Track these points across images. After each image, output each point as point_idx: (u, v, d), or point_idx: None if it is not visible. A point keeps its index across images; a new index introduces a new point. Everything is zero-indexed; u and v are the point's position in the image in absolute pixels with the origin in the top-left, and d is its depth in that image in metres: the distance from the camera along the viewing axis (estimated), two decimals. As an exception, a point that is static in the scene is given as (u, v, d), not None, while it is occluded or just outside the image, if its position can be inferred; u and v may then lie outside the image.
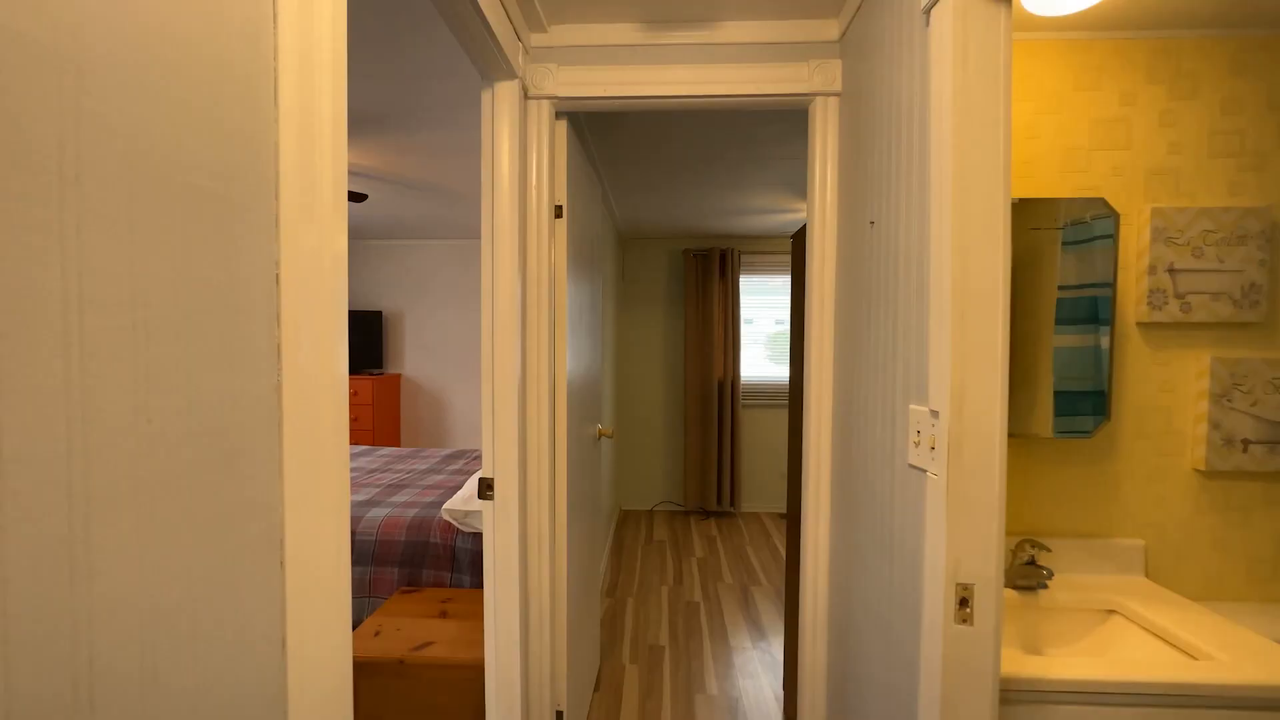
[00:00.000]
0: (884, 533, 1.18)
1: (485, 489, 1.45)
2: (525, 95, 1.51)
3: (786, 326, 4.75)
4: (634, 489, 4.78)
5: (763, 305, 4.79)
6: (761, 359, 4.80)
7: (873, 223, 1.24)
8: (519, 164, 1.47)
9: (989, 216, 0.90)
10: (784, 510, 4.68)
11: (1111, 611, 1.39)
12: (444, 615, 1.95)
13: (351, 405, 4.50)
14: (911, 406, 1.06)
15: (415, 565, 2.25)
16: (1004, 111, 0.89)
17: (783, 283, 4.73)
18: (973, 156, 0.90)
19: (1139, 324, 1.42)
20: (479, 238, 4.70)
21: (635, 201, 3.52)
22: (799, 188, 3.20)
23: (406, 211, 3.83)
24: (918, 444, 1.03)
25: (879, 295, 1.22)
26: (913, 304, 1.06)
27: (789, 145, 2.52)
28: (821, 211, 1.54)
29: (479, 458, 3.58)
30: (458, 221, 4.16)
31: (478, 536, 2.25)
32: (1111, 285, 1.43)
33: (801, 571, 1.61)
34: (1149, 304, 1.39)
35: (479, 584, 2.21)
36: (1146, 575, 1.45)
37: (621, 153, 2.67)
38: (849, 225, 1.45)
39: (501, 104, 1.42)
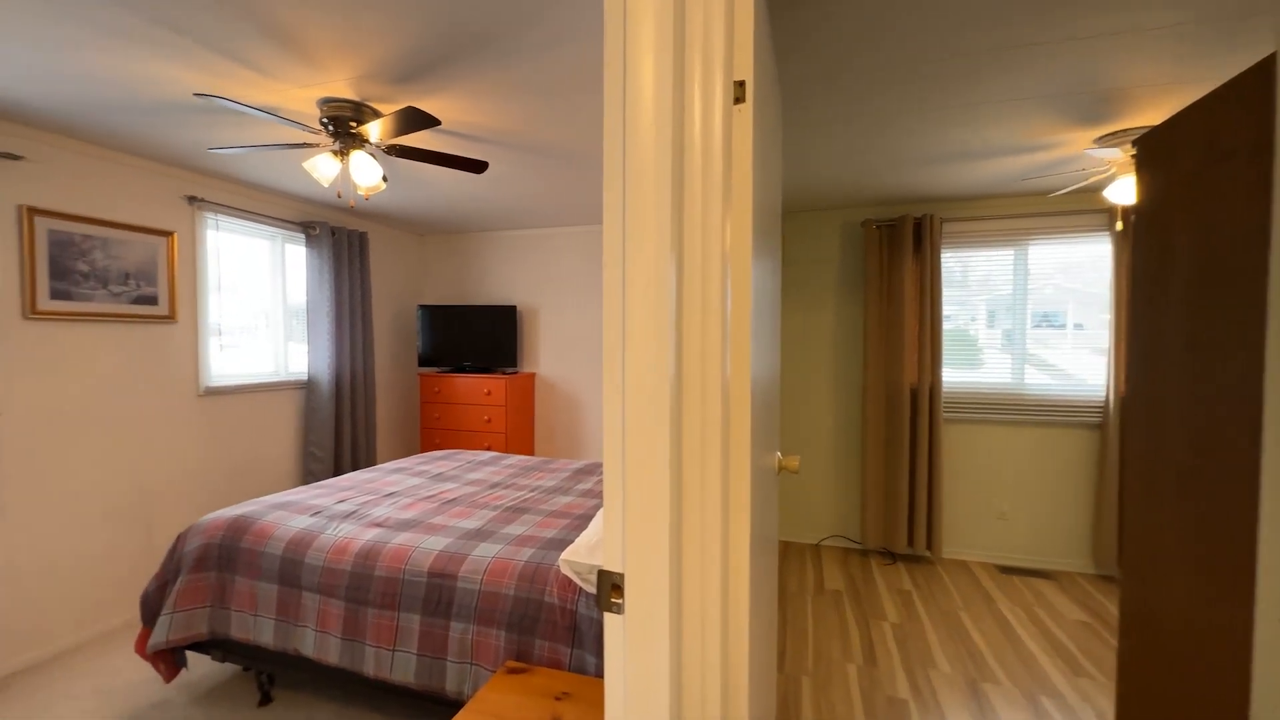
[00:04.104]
0: None
1: (609, 592, 0.79)
2: None
3: (962, 324, 3.56)
4: (795, 516, 3.93)
5: (952, 299, 3.64)
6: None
7: None
8: (672, 4, 0.79)
9: None
10: (1005, 564, 3.51)
11: None
12: (557, 726, 1.35)
13: (485, 406, 4.24)
14: None
15: (526, 631, 1.69)
16: None
17: (985, 259, 3.54)
18: None
19: None
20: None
21: (810, 150, 2.70)
22: (1075, 101, 2.13)
23: (536, 190, 3.39)
24: None
25: None
26: None
27: (1088, 13, 1.55)
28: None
29: (613, 474, 3.01)
30: (594, 202, 3.66)
31: (606, 601, 1.63)
32: None
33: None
34: None
35: (607, 670, 1.59)
36: None
37: (815, 61, 1.89)
38: None
39: None
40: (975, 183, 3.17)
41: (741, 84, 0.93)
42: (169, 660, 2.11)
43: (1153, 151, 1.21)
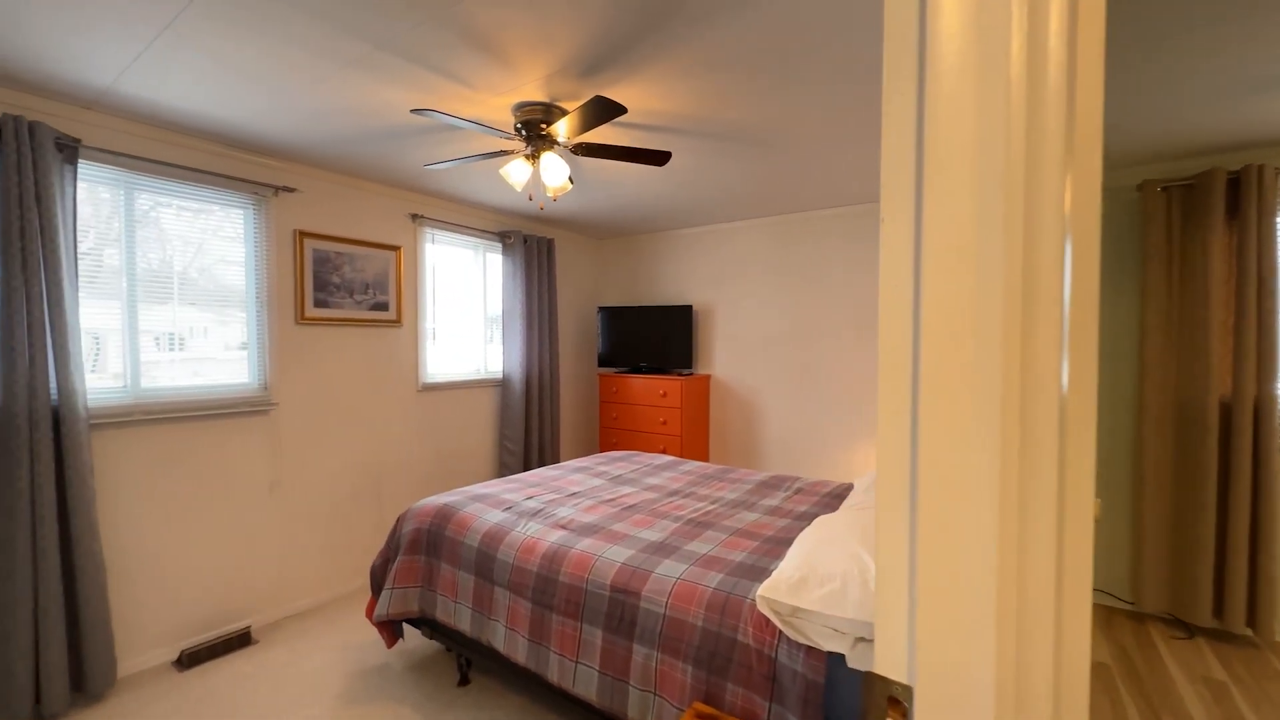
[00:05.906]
0: None
1: (884, 707, 0.54)
2: None
3: None
4: (1030, 557, 3.17)
5: None
6: None
7: None
8: None
9: None
10: (1392, 660, 2.40)
11: None
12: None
13: (660, 407, 4.18)
14: None
15: (717, 671, 1.48)
16: None
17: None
18: None
19: None
20: (797, 211, 3.78)
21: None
22: None
23: (716, 182, 3.20)
24: None
25: None
26: None
27: None
28: None
29: (801, 490, 2.69)
30: (777, 191, 3.36)
31: (814, 653, 1.36)
32: None
33: None
34: None
35: (816, 739, 1.31)
36: None
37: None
38: None
39: None
40: (1347, 112, 2.20)
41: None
42: (390, 629, 2.33)
43: None
